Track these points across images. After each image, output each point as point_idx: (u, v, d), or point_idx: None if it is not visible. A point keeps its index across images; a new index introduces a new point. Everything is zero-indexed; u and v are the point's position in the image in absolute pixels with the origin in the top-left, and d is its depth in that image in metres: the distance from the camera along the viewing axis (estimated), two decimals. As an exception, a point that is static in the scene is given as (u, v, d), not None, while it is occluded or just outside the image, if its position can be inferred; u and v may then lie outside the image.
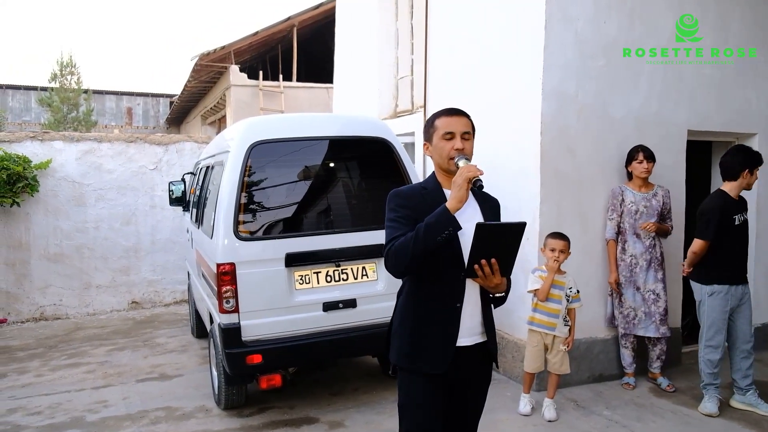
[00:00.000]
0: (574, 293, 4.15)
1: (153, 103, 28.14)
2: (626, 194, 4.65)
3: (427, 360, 2.28)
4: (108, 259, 8.20)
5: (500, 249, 2.14)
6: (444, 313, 2.28)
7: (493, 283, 2.18)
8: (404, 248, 2.17)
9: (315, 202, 4.43)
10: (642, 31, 4.83)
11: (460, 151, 2.28)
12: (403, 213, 2.29)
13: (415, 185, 2.46)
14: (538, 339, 4.19)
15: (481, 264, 2.12)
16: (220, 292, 3.93)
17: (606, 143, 4.78)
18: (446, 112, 2.38)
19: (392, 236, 2.25)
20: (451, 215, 2.13)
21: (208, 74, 15.77)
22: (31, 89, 26.01)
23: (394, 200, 2.34)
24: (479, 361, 2.39)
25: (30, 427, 4.33)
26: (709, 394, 4.26)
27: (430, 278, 2.29)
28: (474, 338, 2.34)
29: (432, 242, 2.13)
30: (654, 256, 4.63)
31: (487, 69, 5.19)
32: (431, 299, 2.31)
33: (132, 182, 8.31)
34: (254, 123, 4.48)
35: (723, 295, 4.17)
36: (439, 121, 2.36)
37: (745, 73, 5.30)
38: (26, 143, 7.77)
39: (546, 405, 4.21)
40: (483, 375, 2.45)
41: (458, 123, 2.33)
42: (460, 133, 2.31)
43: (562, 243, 4.09)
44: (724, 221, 4.14)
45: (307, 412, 4.39)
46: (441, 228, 2.12)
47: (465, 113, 2.40)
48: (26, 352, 6.33)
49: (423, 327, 2.31)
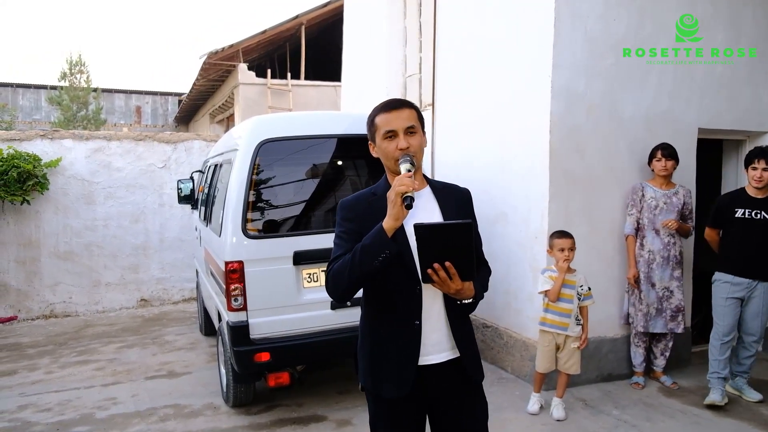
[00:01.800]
0: (586, 291, 4.13)
1: (162, 102, 28.26)
2: (646, 190, 4.64)
3: (388, 383, 2.07)
4: (117, 257, 8.24)
5: (451, 251, 1.90)
6: (402, 332, 2.05)
7: (453, 288, 1.92)
8: (341, 273, 1.97)
9: (323, 201, 4.43)
10: (652, 28, 4.79)
11: (405, 150, 2.01)
12: (346, 227, 2.07)
13: (363, 192, 2.17)
14: (550, 339, 4.16)
15: (435, 268, 1.88)
16: (229, 290, 3.94)
17: (615, 142, 4.76)
18: (384, 107, 2.09)
19: (333, 256, 2.05)
20: (386, 237, 1.89)
21: (216, 73, 15.81)
22: (41, 88, 26.18)
23: (339, 212, 2.13)
24: (457, 380, 2.12)
25: (40, 423, 4.36)
26: (711, 383, 4.34)
27: (384, 297, 2.08)
28: (444, 354, 2.09)
29: (369, 267, 1.91)
30: (672, 253, 4.61)
31: (495, 67, 5.17)
32: (387, 319, 2.09)
33: (141, 180, 8.35)
34: (262, 121, 4.49)
35: (722, 284, 4.36)
36: (378, 119, 2.07)
37: (757, 70, 5.25)
38: (36, 142, 7.82)
39: (555, 404, 4.19)
40: (466, 394, 2.16)
41: (398, 119, 2.04)
42: (402, 129, 2.02)
43: (569, 241, 4.07)
44: (725, 212, 4.39)
45: (314, 410, 4.40)
46: (377, 251, 1.90)
47: (407, 104, 2.11)
48: (36, 349, 6.37)
49: (381, 349, 2.10)
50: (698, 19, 4.91)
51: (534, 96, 4.65)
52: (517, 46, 4.91)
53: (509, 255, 4.95)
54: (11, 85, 26.09)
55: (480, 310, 5.39)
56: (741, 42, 5.13)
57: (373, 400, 2.18)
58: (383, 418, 2.16)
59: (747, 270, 4.29)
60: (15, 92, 26.13)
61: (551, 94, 4.49)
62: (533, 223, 4.67)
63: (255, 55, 16.19)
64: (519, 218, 4.84)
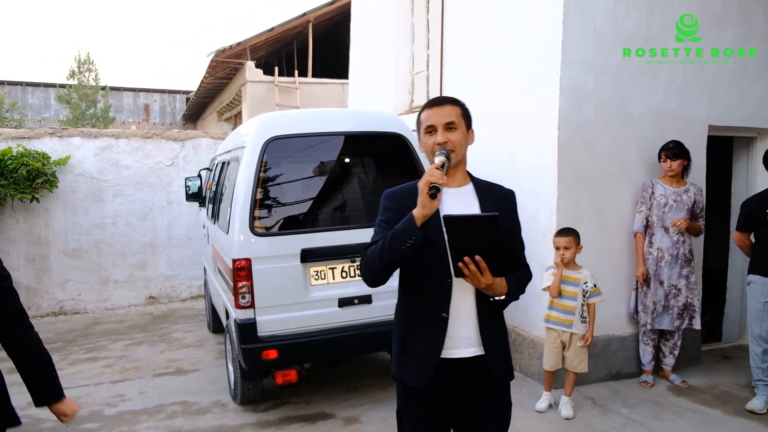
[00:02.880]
0: (592, 288, 4.11)
1: (170, 100, 28.36)
2: (656, 187, 4.61)
3: (412, 372, 2.14)
4: (125, 255, 8.28)
5: (481, 245, 1.93)
6: (430, 324, 2.11)
7: (483, 283, 1.96)
8: (372, 258, 2.06)
9: (330, 198, 4.43)
10: (661, 25, 4.75)
11: (442, 145, 2.07)
12: (386, 216, 2.15)
13: (409, 184, 2.22)
14: (555, 336, 4.16)
15: (465, 261, 1.93)
16: (236, 288, 3.94)
17: (625, 139, 4.72)
18: (429, 103, 2.18)
19: (370, 242, 2.13)
20: (414, 225, 1.94)
21: (224, 70, 15.83)
22: (50, 86, 26.34)
23: (382, 201, 2.22)
24: (483, 378, 2.14)
25: (49, 420, 4.38)
26: (758, 390, 4.25)
27: (416, 287, 2.15)
28: (472, 350, 2.12)
29: (397, 252, 1.98)
30: (681, 251, 4.57)
31: (503, 64, 5.15)
32: (418, 308, 2.16)
33: (149, 178, 8.37)
34: (269, 119, 4.48)
35: (757, 286, 4.26)
36: (422, 115, 2.16)
37: (767, 66, 5.19)
38: (45, 140, 7.85)
39: (563, 403, 4.18)
40: (491, 394, 2.18)
41: (439, 115, 2.11)
42: (441, 125, 2.09)
43: (564, 239, 4.06)
44: (753, 214, 4.31)
45: (322, 407, 4.40)
46: (405, 237, 1.96)
47: (450, 100, 2.17)
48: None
49: (409, 337, 2.18)
50: (705, 17, 4.87)
51: (542, 93, 4.63)
52: (525, 43, 4.88)
53: (517, 253, 4.92)
54: (20, 83, 26.27)
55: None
56: (752, 39, 5.08)
57: (401, 387, 2.24)
58: (408, 407, 2.22)
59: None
60: (24, 91, 26.30)
61: (560, 90, 4.47)
62: (541, 220, 4.65)
63: (262, 52, 16.19)
64: (527, 216, 4.80)
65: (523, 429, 3.96)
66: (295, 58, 16.42)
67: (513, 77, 5.02)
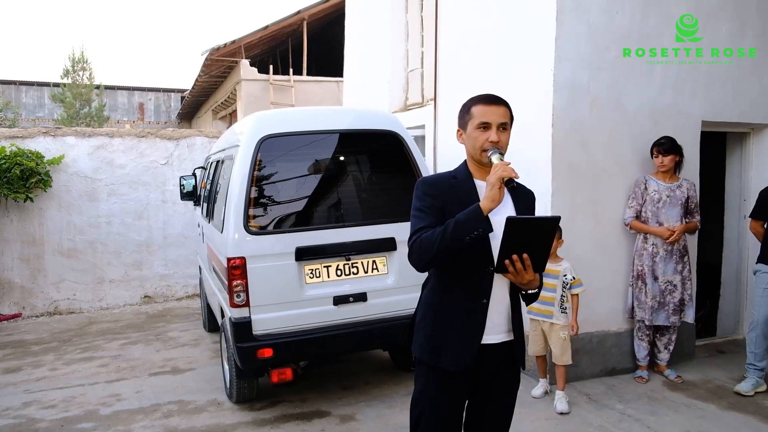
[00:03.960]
0: (572, 279, 4.19)
1: (164, 99, 28.29)
2: (649, 183, 4.62)
3: (450, 356, 2.18)
4: (120, 254, 8.25)
5: (531, 244, 2.01)
6: (470, 309, 2.17)
7: (526, 279, 2.05)
8: (430, 243, 2.07)
9: (325, 196, 4.42)
10: (656, 21, 4.75)
11: (495, 144, 2.13)
12: (429, 202, 2.18)
13: (444, 174, 2.32)
14: (536, 325, 4.32)
15: (513, 259, 2.00)
16: (231, 287, 3.93)
17: (620, 135, 4.73)
18: (484, 99, 2.21)
19: (417, 227, 2.15)
20: (483, 216, 2.01)
21: (218, 69, 15.79)
22: (44, 85, 26.25)
23: (420, 188, 2.23)
24: (505, 363, 2.27)
25: (44, 420, 4.37)
26: (748, 373, 4.41)
27: (458, 272, 2.18)
28: (501, 336, 2.23)
29: (460, 241, 2.03)
30: (675, 247, 4.59)
31: (498, 61, 5.15)
32: (457, 293, 2.20)
33: (143, 177, 8.35)
34: (264, 117, 4.47)
35: (764, 275, 4.35)
36: (475, 109, 2.19)
37: (762, 63, 5.20)
38: (39, 139, 7.82)
39: (557, 397, 4.20)
40: (510, 377, 2.32)
41: (496, 113, 2.16)
42: (496, 124, 2.15)
43: None
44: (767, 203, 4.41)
45: (318, 405, 4.40)
46: (471, 228, 2.01)
47: (504, 102, 2.22)
48: (40, 346, 6.38)
49: (447, 322, 2.20)
50: (701, 14, 4.88)
51: (537, 89, 4.63)
52: (519, 40, 4.88)
53: (512, 249, 4.92)
54: (14, 82, 26.16)
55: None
56: (746, 35, 5.09)
57: (427, 372, 2.26)
58: (433, 390, 2.25)
59: None
60: (18, 90, 26.21)
61: (554, 87, 4.47)
62: (536, 217, 4.65)
63: (257, 50, 16.15)
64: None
65: (519, 424, 3.95)
66: (290, 56, 16.40)
67: (507, 74, 5.02)
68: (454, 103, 6.13)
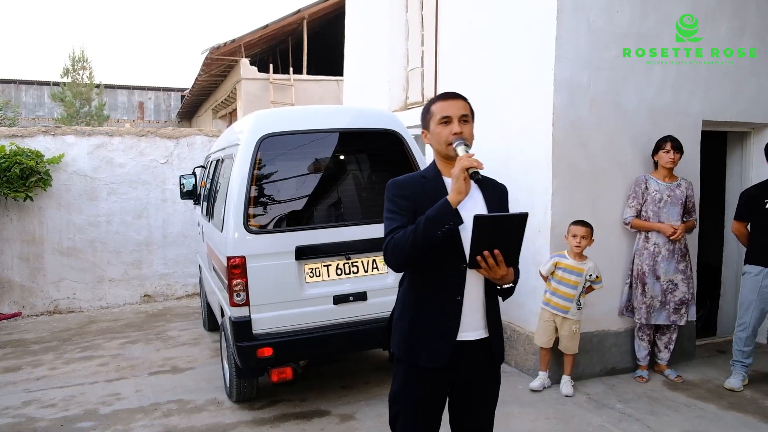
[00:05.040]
0: (595, 278, 4.38)
1: (164, 98, 28.26)
2: (650, 183, 4.62)
3: (426, 353, 2.20)
4: (120, 253, 8.25)
5: (503, 240, 2.03)
6: (444, 306, 2.19)
7: (499, 274, 2.07)
8: (403, 242, 2.09)
9: (325, 195, 4.41)
10: (656, 20, 4.75)
11: (459, 135, 2.16)
12: (400, 203, 2.21)
13: (414, 174, 2.36)
14: (549, 316, 4.44)
15: (484, 255, 2.02)
16: (231, 286, 3.93)
17: (619, 135, 4.73)
18: (442, 96, 2.28)
19: (390, 228, 2.18)
20: (451, 209, 2.04)
21: (218, 68, 15.79)
22: (44, 84, 26.21)
23: (391, 190, 2.26)
24: (484, 359, 2.28)
25: (44, 419, 4.37)
26: (735, 369, 4.49)
27: (430, 270, 2.20)
28: (477, 333, 2.24)
29: (432, 236, 2.05)
30: (677, 246, 4.58)
31: (498, 60, 5.14)
32: (431, 291, 2.22)
33: (143, 176, 8.34)
34: (264, 115, 4.46)
35: (753, 276, 4.39)
36: (435, 107, 2.25)
37: (762, 62, 5.20)
38: (39, 138, 7.81)
39: (563, 381, 4.46)
40: (489, 374, 2.33)
41: (455, 106, 2.21)
42: (457, 116, 2.19)
43: (584, 229, 4.33)
44: (752, 203, 4.42)
45: (318, 404, 4.40)
46: (441, 222, 2.04)
47: (462, 96, 2.27)
48: (40, 345, 6.38)
49: (423, 319, 2.22)
50: (700, 13, 4.87)
51: (537, 89, 4.63)
52: (519, 39, 4.88)
53: (512, 249, 4.92)
54: (14, 81, 26.13)
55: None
56: (745, 34, 5.09)
57: (404, 369, 2.28)
58: (410, 388, 2.27)
59: None
60: (18, 89, 26.18)
61: (554, 86, 4.47)
62: (536, 216, 4.65)
63: (257, 49, 16.15)
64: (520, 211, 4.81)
65: (519, 424, 3.97)
66: (290, 56, 16.39)
67: (507, 73, 5.01)
68: (454, 103, 6.12)
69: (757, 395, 4.36)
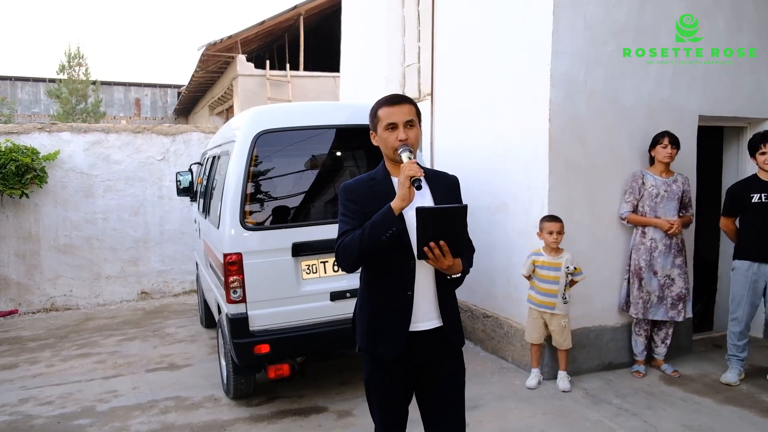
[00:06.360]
0: (573, 269, 4.35)
1: (161, 94, 28.16)
2: (647, 178, 4.62)
3: (383, 345, 2.34)
4: (117, 250, 8.24)
5: (447, 231, 2.13)
6: (396, 301, 2.30)
7: (445, 264, 2.17)
8: (351, 246, 2.22)
9: (322, 192, 4.41)
10: (653, 15, 4.74)
11: (404, 142, 2.24)
12: (350, 207, 2.32)
13: (363, 176, 2.44)
14: (537, 314, 4.46)
15: (431, 246, 2.12)
16: (228, 282, 3.93)
17: (617, 130, 4.72)
18: (387, 101, 2.33)
19: (341, 231, 2.30)
20: (394, 216, 2.15)
21: (215, 64, 15.75)
22: (39, 81, 26.08)
23: (342, 194, 2.36)
24: (441, 347, 2.38)
25: (41, 416, 4.36)
26: (731, 364, 4.52)
27: (381, 268, 2.32)
28: (431, 323, 2.35)
29: (377, 241, 2.17)
30: (673, 241, 4.59)
31: (494, 55, 5.13)
32: (384, 287, 2.34)
33: (140, 173, 8.32)
34: (260, 112, 4.45)
35: (743, 272, 4.43)
36: (381, 111, 2.31)
37: (759, 58, 5.20)
38: (34, 135, 7.79)
39: (560, 377, 4.47)
40: (450, 360, 2.43)
41: (400, 112, 2.28)
42: (402, 122, 2.27)
43: (558, 225, 4.33)
44: (740, 199, 4.44)
45: (315, 401, 4.40)
46: (385, 228, 2.16)
47: (407, 99, 2.34)
48: (37, 343, 6.37)
49: (378, 313, 2.36)
50: (698, 10, 4.87)
51: (533, 84, 4.62)
52: (516, 34, 4.86)
53: (510, 245, 4.93)
54: (10, 78, 26.01)
55: (481, 300, 5.39)
56: (742, 30, 5.08)
57: (369, 360, 2.43)
58: (376, 376, 2.43)
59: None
60: (14, 85, 26.05)
61: (551, 82, 4.46)
62: (534, 212, 4.65)
63: (254, 46, 16.11)
64: (520, 208, 4.82)
65: (516, 419, 3.97)
66: (287, 52, 16.36)
67: (504, 69, 5.00)
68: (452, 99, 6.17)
69: (753, 389, 4.37)
